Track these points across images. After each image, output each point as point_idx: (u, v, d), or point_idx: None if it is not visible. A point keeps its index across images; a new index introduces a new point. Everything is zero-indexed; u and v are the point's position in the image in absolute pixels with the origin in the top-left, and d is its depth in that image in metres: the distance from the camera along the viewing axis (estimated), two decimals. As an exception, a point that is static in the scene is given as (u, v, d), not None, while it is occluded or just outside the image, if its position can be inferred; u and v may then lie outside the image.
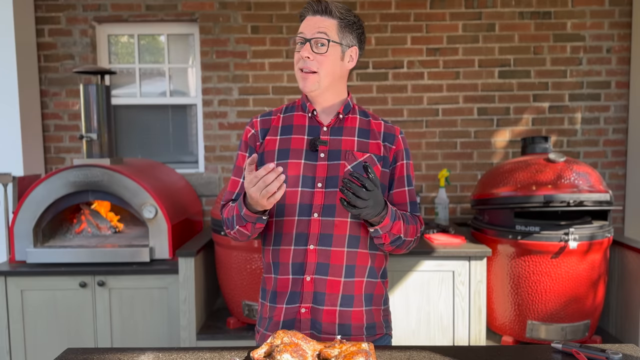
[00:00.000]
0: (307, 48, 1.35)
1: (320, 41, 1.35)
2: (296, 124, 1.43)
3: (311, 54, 1.35)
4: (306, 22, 1.38)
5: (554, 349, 1.27)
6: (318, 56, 1.35)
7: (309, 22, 1.37)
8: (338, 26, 1.37)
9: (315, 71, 1.36)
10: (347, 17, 1.38)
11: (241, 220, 1.32)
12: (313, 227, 1.35)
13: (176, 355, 1.27)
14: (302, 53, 1.36)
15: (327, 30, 1.35)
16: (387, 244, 1.36)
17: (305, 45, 1.36)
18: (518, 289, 2.41)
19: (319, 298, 1.35)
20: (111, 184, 2.57)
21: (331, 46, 1.36)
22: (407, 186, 1.45)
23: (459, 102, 3.28)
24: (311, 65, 1.36)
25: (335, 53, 1.37)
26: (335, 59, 1.38)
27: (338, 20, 1.37)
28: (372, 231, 1.33)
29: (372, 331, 1.42)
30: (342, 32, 1.38)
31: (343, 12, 1.37)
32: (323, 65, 1.36)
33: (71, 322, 2.50)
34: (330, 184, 1.36)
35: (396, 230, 1.33)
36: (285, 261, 1.37)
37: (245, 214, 1.29)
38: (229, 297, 2.58)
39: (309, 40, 1.35)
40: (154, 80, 3.44)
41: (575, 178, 2.34)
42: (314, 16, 1.37)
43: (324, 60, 1.36)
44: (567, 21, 3.22)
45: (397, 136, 1.45)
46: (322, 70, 1.37)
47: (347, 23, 1.38)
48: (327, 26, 1.36)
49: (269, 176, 1.18)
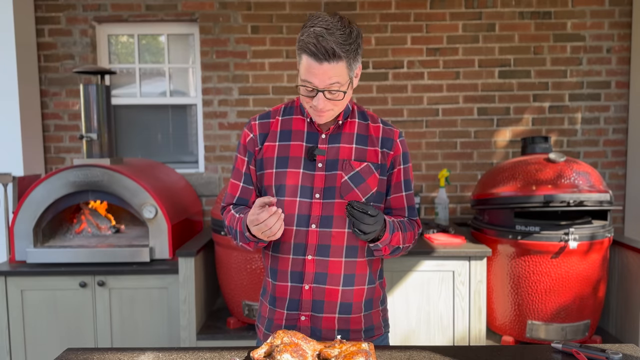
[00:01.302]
0: (322, 98, 1.26)
1: (334, 89, 1.26)
2: (295, 130, 1.41)
3: (327, 103, 1.28)
4: (312, 69, 1.23)
5: (554, 349, 1.27)
6: (333, 101, 1.28)
7: (317, 71, 1.23)
8: (347, 65, 1.25)
9: (330, 109, 1.31)
10: (352, 48, 1.24)
11: (244, 238, 1.35)
12: (311, 237, 1.35)
13: (176, 355, 1.27)
14: (318, 104, 1.27)
15: (339, 78, 1.24)
16: (387, 255, 1.38)
17: (318, 95, 1.26)
18: (518, 289, 2.41)
19: (318, 306, 1.36)
20: (111, 184, 2.57)
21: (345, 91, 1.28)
22: (404, 191, 1.44)
23: (459, 102, 3.28)
24: (327, 107, 1.29)
25: (348, 91, 1.30)
26: (349, 92, 1.31)
27: (346, 60, 1.24)
28: (371, 246, 1.34)
29: (370, 333, 1.42)
30: (350, 66, 1.26)
31: (347, 47, 1.22)
32: (338, 105, 1.31)
33: (71, 322, 2.50)
34: (328, 194, 1.35)
35: (395, 242, 1.34)
36: (284, 269, 1.38)
37: (249, 237, 1.32)
38: (229, 297, 2.58)
39: (321, 91, 1.26)
40: (154, 80, 3.44)
41: (576, 178, 2.34)
42: (321, 64, 1.22)
43: (339, 103, 1.30)
44: (567, 21, 3.22)
45: (396, 141, 1.42)
46: (337, 107, 1.32)
47: (353, 54, 1.25)
48: (337, 73, 1.24)
49: (271, 219, 1.21)
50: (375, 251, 1.36)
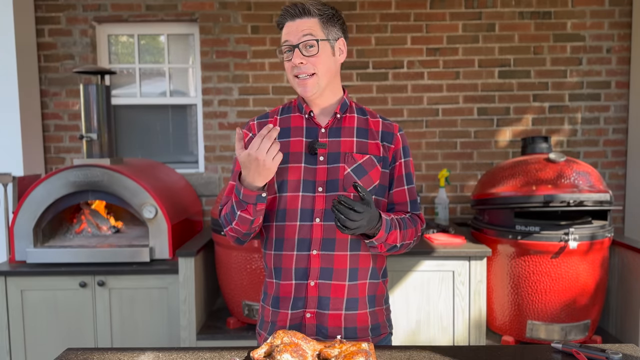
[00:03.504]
0: (298, 54, 1.33)
1: (309, 43, 1.32)
2: (294, 126, 1.42)
3: (303, 59, 1.33)
4: (287, 28, 1.35)
5: (554, 349, 1.27)
6: (311, 58, 1.33)
7: (291, 28, 1.34)
8: (320, 23, 1.34)
9: (313, 73, 1.34)
10: (326, 11, 1.35)
11: (241, 204, 1.28)
12: (315, 232, 1.34)
13: (176, 355, 1.27)
14: (294, 60, 1.33)
15: (312, 31, 1.33)
16: (384, 252, 1.37)
17: (294, 51, 1.33)
18: (518, 289, 2.41)
19: (324, 303, 1.34)
20: (111, 184, 2.57)
21: (321, 44, 1.33)
22: (406, 185, 1.44)
23: (459, 102, 3.28)
24: (307, 69, 1.33)
25: (326, 50, 1.35)
26: (328, 56, 1.36)
27: (318, 18, 1.34)
28: (367, 242, 1.33)
29: (377, 332, 1.42)
30: (326, 28, 1.35)
31: (320, 7, 1.35)
32: (318, 65, 1.34)
33: (71, 322, 2.50)
34: (331, 187, 1.35)
35: (392, 240, 1.33)
36: (288, 266, 1.36)
37: (245, 194, 1.26)
38: (229, 297, 2.58)
39: (296, 46, 1.32)
40: (154, 80, 3.44)
41: (575, 178, 2.34)
42: (294, 21, 1.34)
43: (317, 61, 1.34)
44: (567, 21, 3.22)
45: (396, 134, 1.43)
46: (319, 70, 1.35)
47: (328, 17, 1.36)
48: (310, 26, 1.33)
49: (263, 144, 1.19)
50: (370, 248, 1.35)
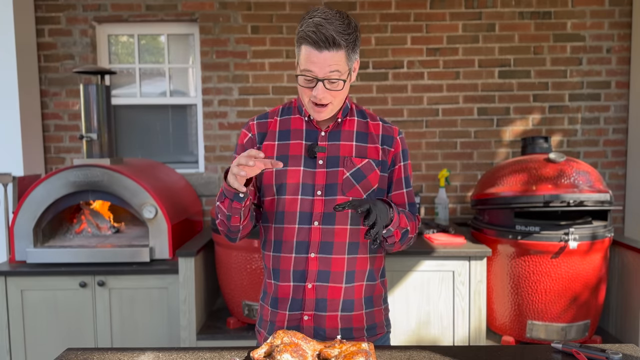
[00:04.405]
0: (321, 88, 1.27)
1: (334, 79, 1.27)
2: (293, 129, 1.41)
3: (326, 92, 1.28)
4: (311, 56, 1.25)
5: (554, 349, 1.27)
6: (333, 92, 1.30)
7: (317, 59, 1.24)
8: (346, 55, 1.27)
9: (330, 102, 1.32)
10: (351, 38, 1.26)
11: (221, 195, 1.29)
12: (314, 235, 1.34)
13: (176, 355, 1.27)
14: (317, 94, 1.27)
15: (339, 67, 1.26)
16: (397, 242, 1.34)
17: (317, 84, 1.27)
18: (518, 289, 2.41)
19: (321, 305, 1.35)
20: (111, 184, 2.57)
21: (345, 81, 1.30)
22: (405, 188, 1.44)
23: (459, 102, 3.28)
24: (326, 100, 1.30)
25: (347, 82, 1.32)
26: (347, 85, 1.33)
27: (345, 50, 1.26)
28: (384, 232, 1.29)
29: (373, 332, 1.42)
30: (349, 59, 1.29)
31: (347, 36, 1.25)
32: (337, 97, 1.32)
33: (71, 322, 2.50)
34: (330, 191, 1.35)
35: (403, 223, 1.33)
36: (286, 268, 1.37)
37: (225, 188, 1.26)
38: (229, 297, 2.58)
39: (321, 80, 1.27)
40: (154, 80, 3.44)
41: (576, 178, 2.34)
42: (321, 52, 1.24)
43: (338, 93, 1.31)
44: (567, 21, 3.22)
45: (396, 138, 1.43)
46: (336, 100, 1.33)
47: (353, 44, 1.28)
48: (337, 61, 1.25)
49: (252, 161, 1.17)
50: (388, 238, 1.31)
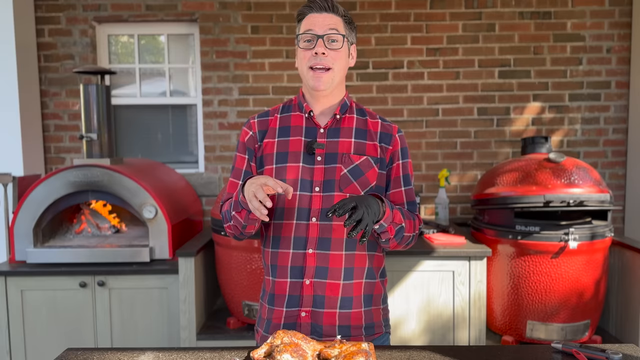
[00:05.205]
0: (321, 44, 1.34)
1: (333, 37, 1.35)
2: (293, 125, 1.42)
3: (326, 50, 1.34)
4: (311, 19, 1.36)
5: (554, 349, 1.27)
6: (332, 52, 1.35)
7: (316, 20, 1.35)
8: (344, 23, 1.39)
9: (329, 68, 1.36)
10: (348, 15, 1.41)
11: (238, 205, 1.31)
12: (312, 231, 1.35)
13: (176, 355, 1.27)
14: (317, 49, 1.34)
15: (337, 27, 1.36)
16: (393, 238, 1.33)
17: (318, 41, 1.34)
18: (518, 289, 2.41)
19: (319, 301, 1.35)
20: (111, 184, 2.57)
21: (343, 42, 1.37)
22: (403, 186, 1.44)
23: (459, 102, 3.28)
24: (326, 62, 1.35)
25: (345, 49, 1.39)
26: (345, 55, 1.40)
27: (343, 18, 1.39)
28: (377, 227, 1.28)
29: (370, 331, 1.42)
30: (347, 29, 1.40)
31: (342, 10, 1.40)
32: (337, 60, 1.36)
33: (71, 322, 2.50)
34: (328, 187, 1.35)
35: (398, 219, 1.32)
36: (284, 264, 1.37)
37: (242, 200, 1.28)
38: (229, 297, 2.58)
39: (321, 36, 1.34)
40: (154, 80, 3.44)
41: (576, 178, 2.34)
42: (320, 13, 1.36)
43: (337, 56, 1.36)
44: (567, 21, 3.22)
45: (394, 136, 1.44)
46: (336, 66, 1.36)
47: (349, 20, 1.41)
48: (335, 22, 1.36)
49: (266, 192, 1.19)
50: (382, 234, 1.31)
